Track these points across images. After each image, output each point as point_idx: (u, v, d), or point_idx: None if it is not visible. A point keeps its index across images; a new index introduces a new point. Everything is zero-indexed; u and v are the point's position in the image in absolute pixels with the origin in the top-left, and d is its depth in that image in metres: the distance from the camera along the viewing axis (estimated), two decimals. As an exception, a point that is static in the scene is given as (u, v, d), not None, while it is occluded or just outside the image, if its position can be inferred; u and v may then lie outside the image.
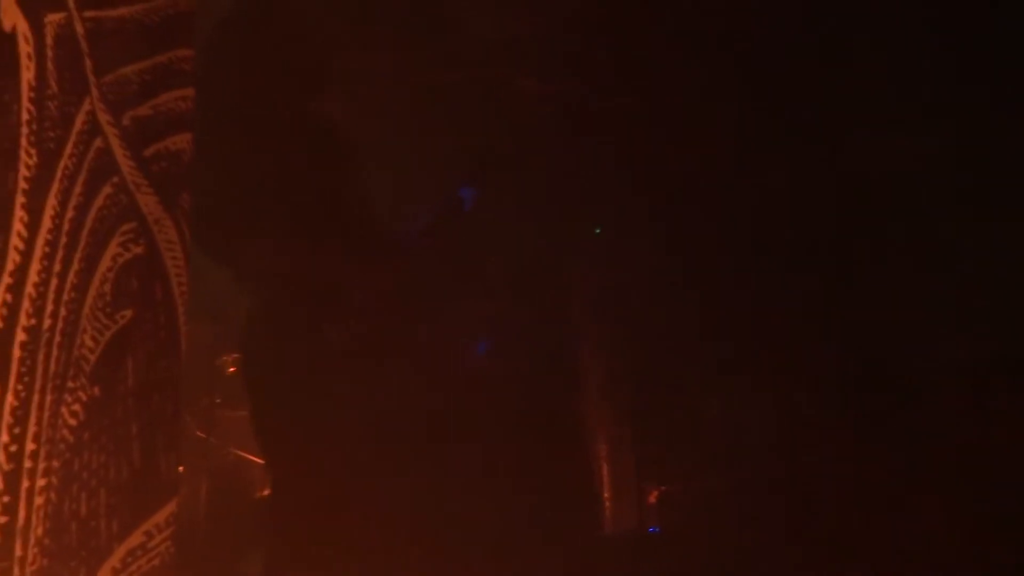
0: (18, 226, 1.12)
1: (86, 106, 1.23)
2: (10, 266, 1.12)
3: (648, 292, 2.88)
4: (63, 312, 1.24)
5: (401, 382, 1.86)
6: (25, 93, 1.09)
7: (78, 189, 1.24)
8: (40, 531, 1.19)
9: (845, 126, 2.76)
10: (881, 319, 2.67)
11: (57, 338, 1.22)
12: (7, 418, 1.14)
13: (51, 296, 1.21)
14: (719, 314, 2.73)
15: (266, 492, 2.62)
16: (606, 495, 2.77)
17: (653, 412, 2.81)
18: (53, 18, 1.13)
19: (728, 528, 2.61)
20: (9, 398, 1.14)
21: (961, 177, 2.63)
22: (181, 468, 1.71)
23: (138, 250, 1.38)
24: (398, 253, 1.96)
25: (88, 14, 1.20)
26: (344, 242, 1.82)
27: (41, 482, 1.20)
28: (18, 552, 1.14)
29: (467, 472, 2.01)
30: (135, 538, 1.34)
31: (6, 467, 1.14)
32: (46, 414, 1.22)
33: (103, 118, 1.27)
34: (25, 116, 1.10)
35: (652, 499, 2.77)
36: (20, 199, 1.12)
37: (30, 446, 1.19)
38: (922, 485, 2.48)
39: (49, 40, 1.12)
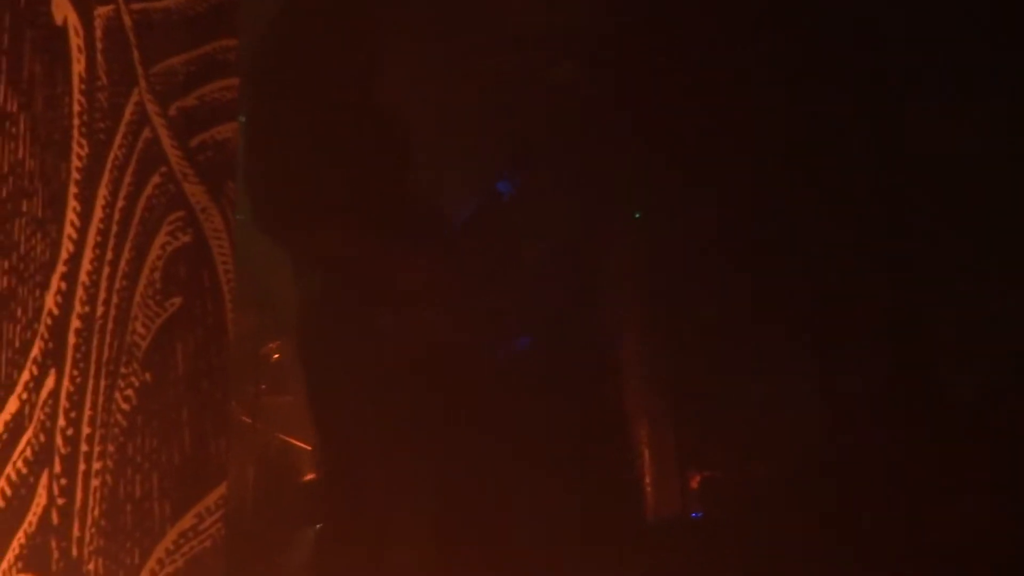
0: (71, 216, 1.15)
1: (134, 97, 1.25)
2: (64, 255, 1.15)
3: (689, 276, 2.85)
4: (115, 300, 1.27)
5: (446, 369, 1.87)
6: (76, 85, 1.11)
7: (128, 179, 1.26)
8: (96, 512, 1.23)
9: (895, 108, 2.70)
10: (929, 303, 2.62)
11: (110, 325, 1.25)
12: (63, 403, 1.17)
13: (103, 284, 1.24)
14: (762, 298, 2.70)
15: (312, 476, 2.66)
16: (647, 480, 2.76)
17: (694, 396, 2.79)
18: (102, 11, 1.15)
19: (772, 515, 2.58)
20: (65, 383, 1.17)
21: (1015, 164, 2.56)
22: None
23: (186, 239, 1.40)
24: (444, 241, 1.97)
25: (135, 6, 1.22)
26: (394, 229, 1.83)
27: (97, 465, 1.24)
28: (76, 532, 1.17)
29: (509, 457, 2.02)
30: (187, 520, 1.38)
31: (63, 450, 1.17)
32: (100, 399, 1.25)
33: (151, 109, 1.29)
34: (76, 108, 1.12)
35: (694, 485, 2.76)
36: (73, 189, 1.15)
37: (86, 430, 1.22)
38: (969, 473, 2.43)
39: (99, 32, 1.14)
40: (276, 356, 2.77)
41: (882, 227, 2.69)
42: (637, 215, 3.08)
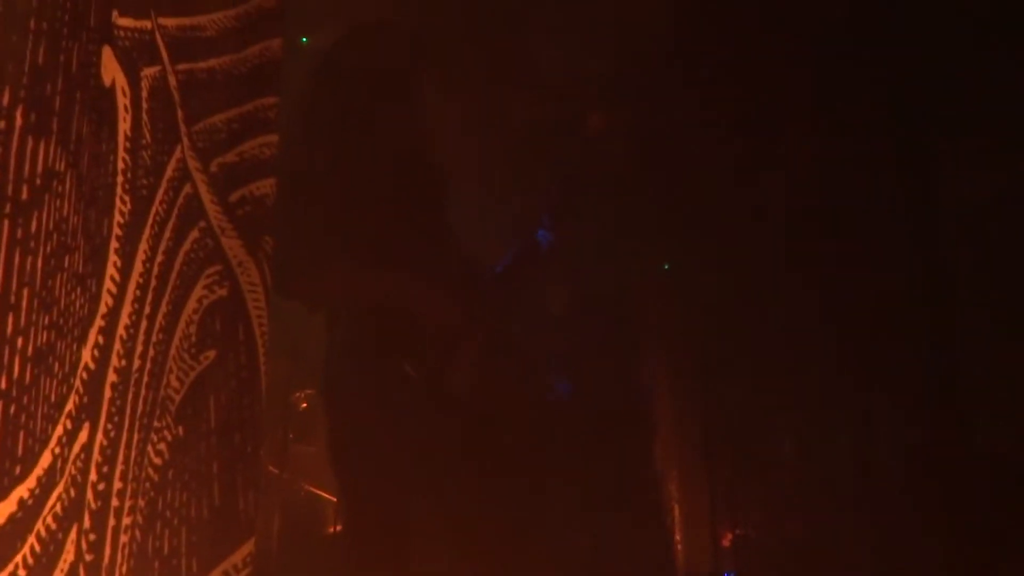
0: (111, 271, 1.16)
1: (177, 154, 1.27)
2: (103, 309, 1.16)
3: (719, 329, 2.83)
4: (151, 353, 1.27)
5: (476, 419, 1.86)
6: (121, 144, 1.13)
7: (168, 234, 1.27)
8: (124, 569, 1.22)
9: (927, 156, 2.68)
10: (965, 357, 2.56)
11: (145, 378, 1.26)
12: (96, 457, 1.17)
13: (141, 338, 1.24)
14: (795, 352, 2.67)
15: (338, 528, 2.63)
16: (678, 537, 2.70)
17: (727, 451, 2.74)
18: (149, 72, 1.17)
19: (805, 574, 2.52)
20: (99, 437, 1.17)
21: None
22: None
23: (222, 292, 1.41)
24: (477, 289, 1.97)
25: (181, 67, 1.25)
26: (431, 278, 1.84)
27: (127, 520, 1.23)
28: (104, 590, 1.16)
29: (539, 512, 1.99)
30: (214, 577, 1.36)
31: (94, 505, 1.16)
32: (133, 453, 1.24)
33: (192, 165, 1.31)
34: (121, 165, 1.14)
35: (726, 543, 2.70)
36: (114, 244, 1.16)
37: (117, 485, 1.21)
38: (1007, 527, 2.36)
39: (145, 93, 1.16)
40: (304, 405, 2.77)
41: (918, 279, 2.65)
42: (666, 266, 3.07)
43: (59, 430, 1.03)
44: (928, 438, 2.58)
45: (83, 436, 1.11)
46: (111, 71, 1.08)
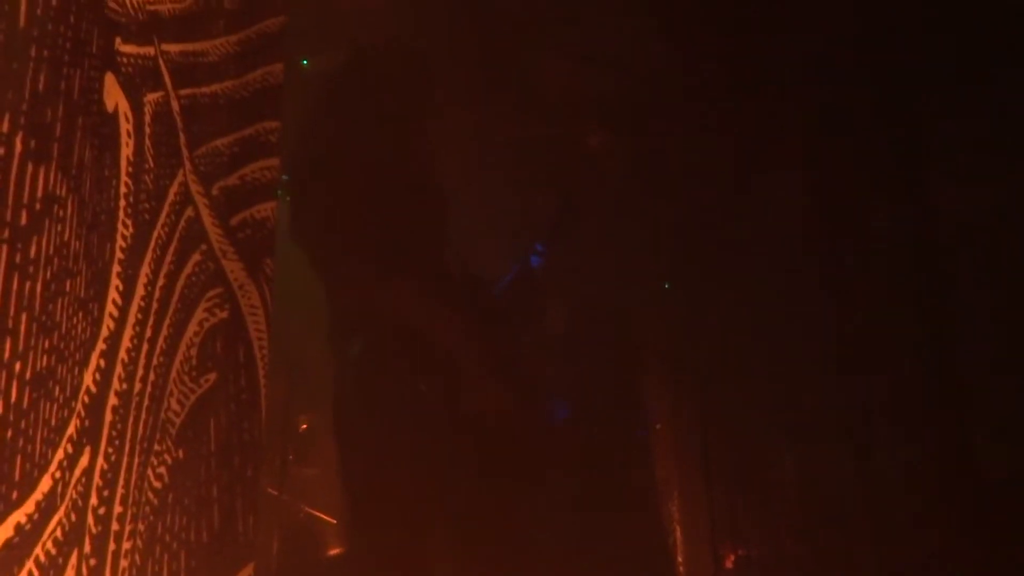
0: (113, 294, 1.16)
1: (179, 178, 1.27)
2: (104, 333, 1.16)
3: (721, 348, 2.83)
4: (152, 376, 1.27)
5: (477, 440, 1.85)
6: (124, 168, 1.14)
7: (169, 257, 1.28)
8: (124, 594, 1.21)
9: (925, 170, 2.70)
10: (967, 378, 2.56)
11: (146, 402, 1.26)
12: (97, 481, 1.17)
13: (142, 361, 1.24)
14: (796, 371, 2.67)
15: (338, 551, 2.62)
16: (680, 559, 2.69)
17: (727, 471, 2.74)
18: (152, 97, 1.18)
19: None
20: (100, 461, 1.17)
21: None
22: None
23: (223, 315, 1.41)
24: (477, 310, 1.97)
25: (184, 92, 1.26)
26: (432, 297, 1.84)
27: (127, 545, 1.22)
28: (103, 615, 1.15)
29: (540, 534, 1.98)
30: (214, 602, 1.35)
31: (94, 530, 1.16)
32: (133, 477, 1.24)
33: (194, 189, 1.32)
34: (123, 189, 1.15)
35: (729, 564, 2.69)
36: (116, 268, 1.16)
37: (117, 509, 1.21)
38: (1007, 550, 2.35)
39: (147, 118, 1.17)
40: (304, 427, 2.76)
41: (919, 295, 2.66)
42: (667, 285, 3.08)
43: (60, 454, 1.02)
44: (929, 456, 2.57)
45: (84, 460, 1.11)
46: (114, 97, 1.09)
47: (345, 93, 1.95)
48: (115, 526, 1.20)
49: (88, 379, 1.12)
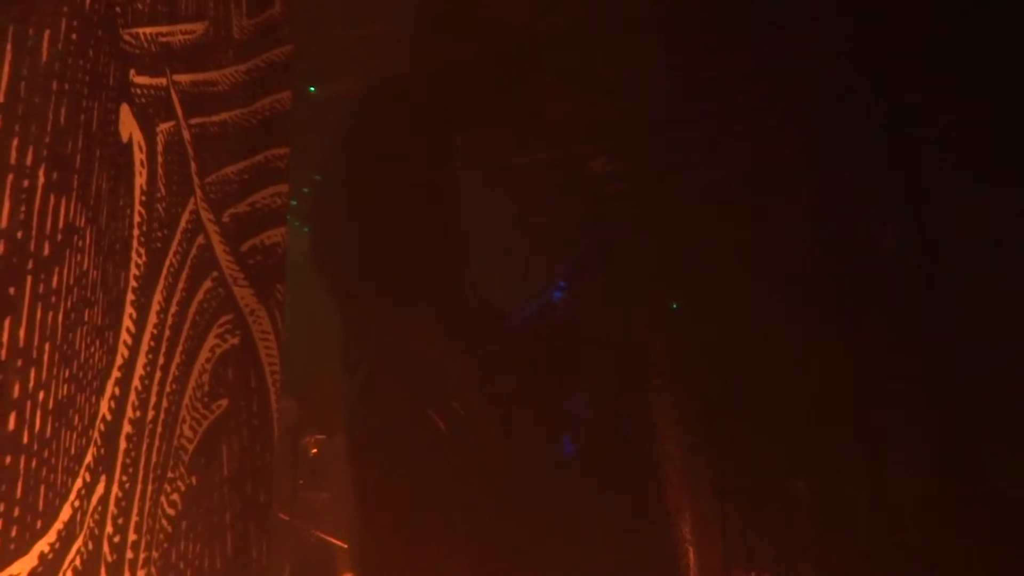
0: (127, 322, 1.17)
1: (190, 206, 1.29)
2: (119, 360, 1.17)
3: (730, 370, 2.82)
4: (165, 404, 1.28)
5: (488, 467, 1.85)
6: (137, 197, 1.15)
7: (181, 285, 1.29)
8: (138, 622, 1.21)
9: (932, 198, 2.70)
10: (981, 401, 2.55)
11: (159, 429, 1.26)
12: (112, 509, 1.17)
13: (155, 388, 1.25)
14: (808, 392, 2.66)
15: (348, 575, 2.61)
16: (692, 581, 2.67)
17: (739, 493, 2.72)
18: (164, 127, 1.20)
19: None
20: (114, 489, 1.17)
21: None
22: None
23: (234, 341, 1.42)
24: (494, 342, 1.98)
25: (194, 121, 1.27)
26: (446, 325, 1.85)
27: (141, 573, 1.22)
28: (118, 644, 1.15)
29: (554, 558, 1.97)
30: (227, 629, 1.35)
31: (110, 558, 1.16)
32: (147, 505, 1.24)
33: (205, 216, 1.33)
34: (137, 219, 1.16)
35: (741, 586, 2.66)
36: (130, 296, 1.17)
37: (132, 537, 1.21)
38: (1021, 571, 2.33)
39: (160, 147, 1.18)
40: (315, 451, 2.76)
41: (928, 320, 2.65)
42: (675, 306, 3.08)
43: (79, 483, 1.03)
44: (943, 481, 2.56)
45: (100, 488, 1.11)
46: (128, 127, 1.10)
47: (358, 121, 1.97)
48: (130, 554, 1.20)
49: (104, 407, 1.12)
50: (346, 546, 2.60)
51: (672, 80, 2.90)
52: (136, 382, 1.21)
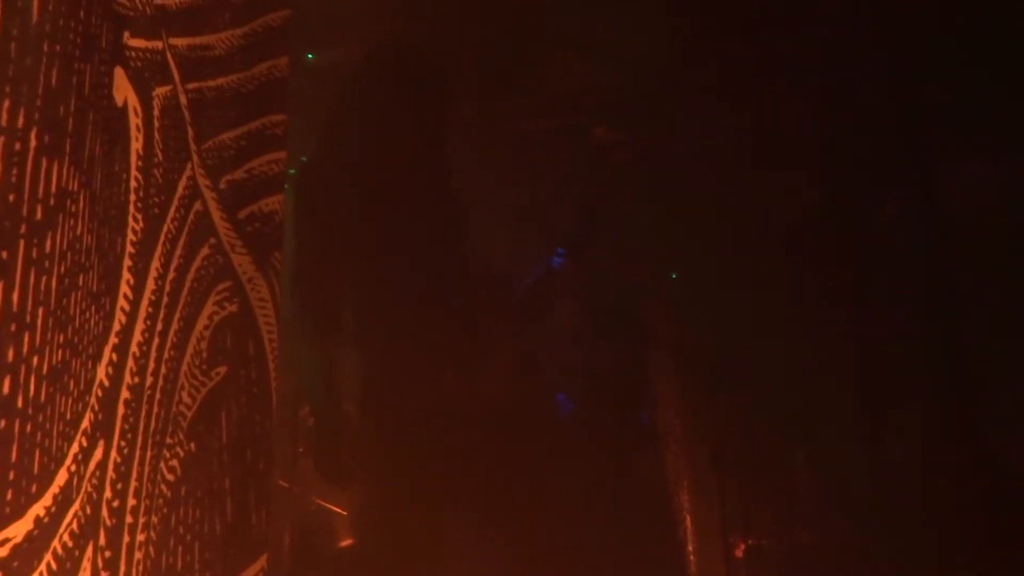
0: (124, 288, 1.17)
1: (187, 172, 1.28)
2: (116, 327, 1.17)
3: (729, 338, 2.82)
4: (163, 370, 1.28)
5: (486, 434, 1.86)
6: (134, 162, 1.14)
7: (179, 251, 1.28)
8: (139, 585, 1.22)
9: (930, 165, 2.69)
10: (979, 365, 2.56)
11: (158, 395, 1.26)
12: (110, 474, 1.18)
13: (153, 355, 1.25)
14: (806, 360, 2.66)
15: (349, 542, 2.63)
16: (690, 548, 2.69)
17: (738, 461, 2.73)
18: (160, 91, 1.18)
19: (819, 584, 2.51)
20: (113, 454, 1.18)
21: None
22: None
23: (232, 308, 1.42)
24: (495, 302, 1.98)
25: (191, 85, 1.26)
26: (445, 292, 1.85)
27: (141, 537, 1.23)
28: (119, 607, 1.16)
29: (550, 524, 1.99)
30: (228, 592, 1.36)
31: (108, 523, 1.17)
32: (146, 470, 1.25)
33: (202, 183, 1.32)
34: (133, 184, 1.15)
35: (739, 553, 2.69)
36: (127, 262, 1.17)
37: (131, 502, 1.22)
38: (1020, 537, 2.35)
39: (156, 112, 1.17)
40: (312, 419, 2.77)
41: (928, 289, 2.65)
42: (674, 276, 3.07)
43: (75, 448, 1.03)
44: (943, 444, 2.57)
45: (98, 453, 1.11)
46: (123, 91, 1.09)
47: (357, 89, 1.95)
48: (129, 519, 1.21)
49: (101, 373, 1.12)
50: (345, 513, 2.62)
51: (674, 47, 2.87)
52: (134, 348, 1.21)
